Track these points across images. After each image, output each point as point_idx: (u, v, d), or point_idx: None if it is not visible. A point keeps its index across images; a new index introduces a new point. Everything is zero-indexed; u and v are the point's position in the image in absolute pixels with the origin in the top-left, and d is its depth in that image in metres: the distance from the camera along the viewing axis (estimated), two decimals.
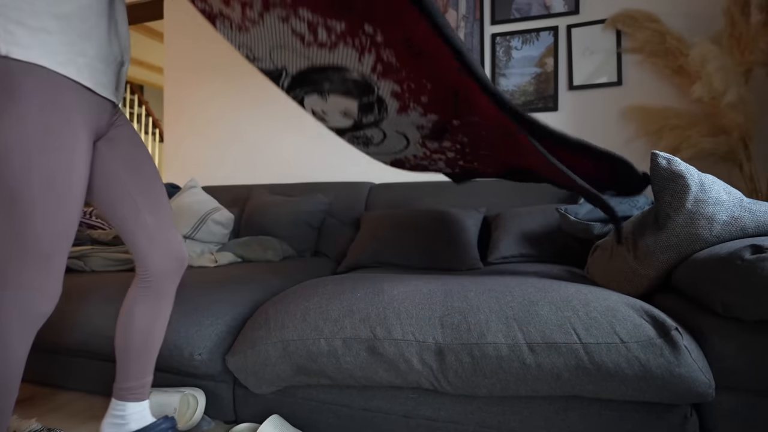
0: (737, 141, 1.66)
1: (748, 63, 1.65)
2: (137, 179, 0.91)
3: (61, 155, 0.73)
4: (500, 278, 1.06)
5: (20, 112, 0.70)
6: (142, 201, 0.91)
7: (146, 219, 0.91)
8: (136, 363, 0.96)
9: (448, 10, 2.23)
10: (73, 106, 0.75)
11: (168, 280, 0.95)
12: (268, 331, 1.02)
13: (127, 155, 0.91)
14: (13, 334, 0.74)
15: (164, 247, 0.93)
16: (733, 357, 0.79)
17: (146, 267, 0.93)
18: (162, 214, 0.94)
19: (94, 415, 1.21)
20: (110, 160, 0.89)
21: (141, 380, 0.97)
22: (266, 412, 1.09)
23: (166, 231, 0.94)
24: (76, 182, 0.76)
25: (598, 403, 0.86)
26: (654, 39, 1.87)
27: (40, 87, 0.71)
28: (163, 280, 0.95)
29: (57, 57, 0.72)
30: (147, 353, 0.97)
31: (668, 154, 0.98)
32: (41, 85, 0.71)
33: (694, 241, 0.92)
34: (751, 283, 0.75)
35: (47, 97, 0.71)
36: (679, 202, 0.92)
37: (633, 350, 0.79)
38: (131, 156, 0.91)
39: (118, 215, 0.90)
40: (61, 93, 0.73)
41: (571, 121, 2.06)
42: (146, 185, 0.92)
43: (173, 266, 0.95)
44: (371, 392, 1.00)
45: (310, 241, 2.02)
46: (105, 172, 0.89)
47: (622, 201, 1.48)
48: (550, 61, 2.08)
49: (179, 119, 2.85)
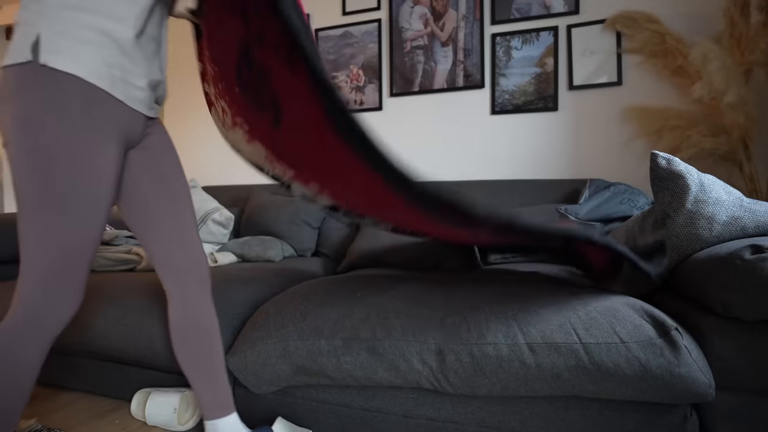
0: (737, 141, 1.66)
1: (748, 63, 1.65)
2: (161, 189, 0.90)
3: (90, 165, 0.73)
4: (500, 278, 1.06)
5: (52, 121, 0.70)
6: (164, 212, 0.90)
7: (167, 230, 0.90)
8: (206, 382, 0.94)
9: (448, 10, 2.24)
10: (105, 117, 0.75)
11: (191, 290, 0.93)
12: (268, 331, 1.02)
13: (154, 164, 0.90)
14: (31, 339, 0.74)
15: (186, 257, 0.91)
16: (732, 357, 0.79)
17: (170, 280, 0.91)
18: (184, 226, 0.92)
19: (95, 415, 1.21)
20: (137, 168, 0.88)
21: (219, 395, 0.95)
22: (266, 412, 1.09)
23: (189, 242, 0.92)
24: (103, 192, 0.76)
25: (598, 403, 0.86)
26: (654, 39, 1.87)
27: (74, 97, 0.71)
28: (188, 291, 0.92)
29: (94, 68, 0.73)
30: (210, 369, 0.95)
31: (668, 155, 0.98)
32: (75, 95, 0.71)
33: (694, 241, 0.92)
34: (751, 283, 0.75)
35: (80, 107, 0.72)
36: (679, 202, 0.92)
37: (633, 350, 0.79)
38: (159, 165, 0.90)
39: (140, 224, 0.90)
40: (95, 104, 0.73)
41: (571, 121, 2.06)
42: (170, 196, 0.91)
43: (194, 275, 0.93)
44: (371, 392, 1.00)
45: (310, 241, 2.02)
46: (131, 179, 0.88)
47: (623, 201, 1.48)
48: (550, 61, 2.08)
49: (179, 119, 2.85)
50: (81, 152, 0.72)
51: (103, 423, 1.17)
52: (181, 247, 0.91)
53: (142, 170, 0.89)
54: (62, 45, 0.70)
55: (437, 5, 2.26)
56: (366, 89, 2.41)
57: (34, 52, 0.69)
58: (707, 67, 1.56)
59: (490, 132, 2.21)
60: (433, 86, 2.30)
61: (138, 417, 1.15)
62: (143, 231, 0.90)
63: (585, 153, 2.04)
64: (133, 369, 1.26)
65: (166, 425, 1.10)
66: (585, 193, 1.59)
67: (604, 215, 1.45)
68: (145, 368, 1.24)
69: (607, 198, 1.52)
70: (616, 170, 1.99)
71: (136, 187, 0.89)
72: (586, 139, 2.04)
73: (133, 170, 0.88)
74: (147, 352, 1.14)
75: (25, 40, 0.71)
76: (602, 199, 1.52)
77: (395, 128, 2.36)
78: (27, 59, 0.70)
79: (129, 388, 1.26)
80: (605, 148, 2.01)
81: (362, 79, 2.39)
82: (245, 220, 2.10)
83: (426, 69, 2.31)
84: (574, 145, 2.05)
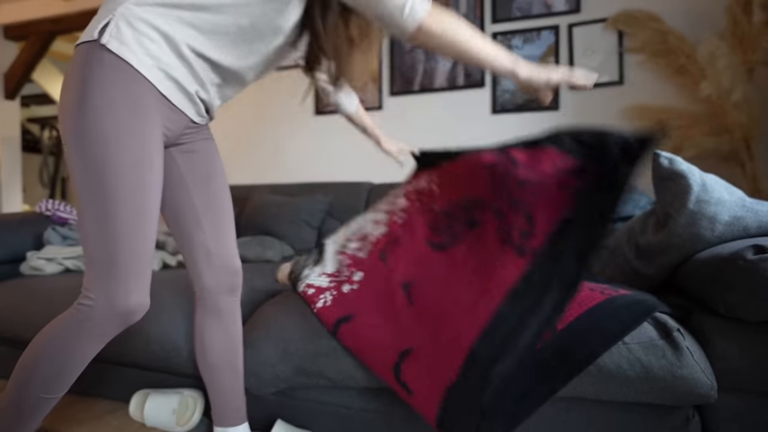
0: (739, 141, 1.65)
1: (751, 62, 1.64)
2: (203, 192, 0.89)
3: (138, 149, 0.71)
4: None
5: (101, 103, 0.69)
6: (204, 216, 0.89)
7: (206, 234, 0.89)
8: (223, 389, 0.95)
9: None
10: (151, 107, 0.73)
11: (223, 297, 0.93)
12: (267, 331, 1.01)
13: (196, 167, 0.89)
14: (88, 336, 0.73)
15: (219, 264, 0.91)
16: (735, 358, 0.79)
17: (202, 284, 0.91)
18: (223, 232, 0.91)
19: (94, 415, 1.21)
20: (179, 169, 0.87)
21: (234, 404, 0.96)
22: (266, 413, 1.08)
23: (224, 248, 0.91)
24: (149, 181, 0.73)
25: (600, 404, 0.85)
26: (656, 38, 1.86)
27: (124, 82, 0.70)
28: (218, 297, 0.92)
29: (148, 61, 0.72)
30: (231, 376, 0.95)
31: (670, 154, 0.97)
32: (125, 81, 0.70)
33: (696, 242, 0.91)
34: (753, 283, 0.74)
35: (129, 92, 0.70)
36: (681, 202, 0.91)
37: (635, 351, 0.78)
38: (202, 169, 0.89)
39: (180, 226, 0.89)
40: (142, 93, 0.72)
41: (572, 120, 2.05)
42: (212, 200, 0.90)
43: (225, 282, 0.92)
44: (371, 394, 0.99)
45: (310, 241, 2.02)
46: (173, 180, 0.87)
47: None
48: (552, 60, 2.07)
49: None
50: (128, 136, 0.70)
51: (101, 424, 1.17)
52: (218, 252, 0.90)
53: (187, 172, 0.88)
54: (126, 33, 0.70)
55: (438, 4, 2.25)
56: (366, 89, 2.40)
57: (101, 33, 0.70)
58: (715, 64, 1.55)
59: (490, 131, 2.20)
60: (433, 85, 2.29)
61: (137, 418, 1.15)
62: (181, 231, 0.89)
63: None
64: (131, 370, 1.26)
65: (165, 426, 1.10)
66: None
67: None
68: (144, 369, 1.23)
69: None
70: None
71: (179, 188, 0.88)
72: None
73: (178, 172, 0.87)
74: (145, 353, 1.13)
75: (97, 23, 0.72)
76: None
77: (395, 127, 2.35)
78: (93, 38, 0.70)
79: (128, 390, 1.25)
80: None
81: None
82: (245, 220, 2.09)
83: (426, 68, 2.30)
84: None
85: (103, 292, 0.71)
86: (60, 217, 1.78)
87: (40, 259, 1.54)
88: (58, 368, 0.74)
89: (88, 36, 0.72)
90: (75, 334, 0.73)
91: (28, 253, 1.57)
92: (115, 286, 0.71)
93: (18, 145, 3.67)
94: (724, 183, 0.94)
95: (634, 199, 1.47)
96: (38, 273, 1.53)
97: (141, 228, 0.72)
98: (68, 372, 0.75)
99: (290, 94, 2.56)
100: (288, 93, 2.57)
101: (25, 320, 1.27)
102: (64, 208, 1.81)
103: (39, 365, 0.74)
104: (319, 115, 2.54)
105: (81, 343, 0.73)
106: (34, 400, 0.75)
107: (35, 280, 1.42)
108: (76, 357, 0.74)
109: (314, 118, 2.55)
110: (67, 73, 0.73)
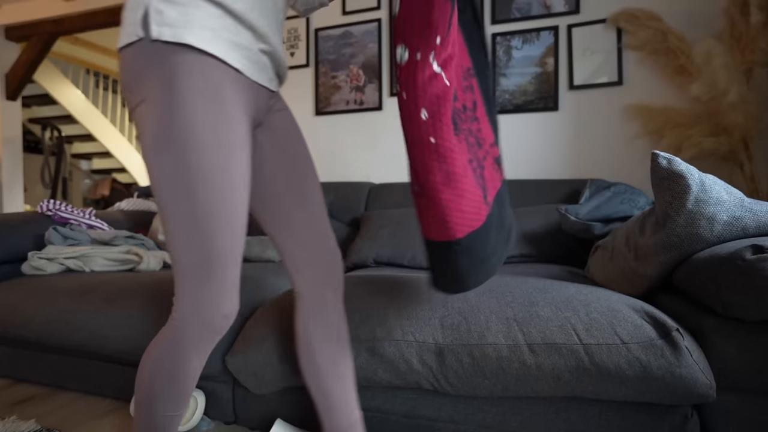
0: (738, 141, 1.65)
1: (749, 63, 1.64)
2: (290, 173, 0.80)
3: (220, 152, 0.65)
4: (500, 278, 1.05)
5: (175, 105, 0.62)
6: (295, 201, 0.81)
7: (300, 222, 0.81)
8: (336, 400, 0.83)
9: None
10: (227, 92, 0.66)
11: (325, 288, 0.83)
12: (268, 331, 1.02)
13: (282, 147, 0.80)
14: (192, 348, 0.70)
15: (315, 250, 0.82)
16: (734, 357, 0.79)
17: (302, 278, 0.83)
18: (317, 217, 0.83)
19: (94, 415, 1.21)
20: (264, 151, 0.79)
21: (349, 418, 0.83)
22: (266, 413, 1.09)
23: (318, 230, 0.82)
24: (237, 181, 0.67)
25: (599, 404, 0.86)
26: (655, 38, 1.86)
27: (192, 73, 0.63)
28: (320, 288, 0.82)
29: (204, 33, 0.63)
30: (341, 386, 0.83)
31: (669, 154, 0.98)
32: (193, 71, 0.63)
33: (694, 242, 0.91)
34: (751, 283, 0.75)
35: (200, 84, 0.63)
36: (680, 202, 0.91)
37: (634, 351, 0.79)
38: (286, 148, 0.81)
39: (268, 211, 0.81)
40: (213, 78, 0.64)
41: (571, 121, 2.06)
42: (299, 181, 0.81)
43: (326, 269, 0.83)
44: (371, 392, 0.99)
45: None
46: (259, 163, 0.79)
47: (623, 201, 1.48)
48: (551, 60, 2.07)
49: None
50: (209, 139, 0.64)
51: (102, 424, 1.17)
52: (318, 242, 0.82)
53: (271, 155, 0.79)
54: (169, 13, 0.62)
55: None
56: (366, 89, 2.40)
57: (145, 27, 0.62)
58: (711, 64, 1.55)
59: None
60: None
61: None
62: (274, 223, 0.81)
63: (585, 153, 2.03)
64: (132, 369, 1.26)
65: None
66: (585, 193, 1.58)
67: (605, 215, 1.44)
68: None
69: (607, 198, 1.52)
70: (617, 170, 1.99)
71: (264, 173, 0.79)
72: (587, 139, 2.03)
73: (262, 158, 0.79)
74: None
75: (134, 15, 0.64)
76: (603, 199, 1.52)
77: (395, 128, 2.36)
78: (138, 36, 0.63)
79: (128, 389, 1.26)
80: (606, 148, 2.01)
81: (362, 79, 2.39)
82: None
83: None
84: (575, 145, 2.05)
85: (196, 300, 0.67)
86: (61, 217, 1.79)
87: (42, 259, 1.55)
88: (172, 388, 0.72)
89: (131, 36, 0.64)
90: (175, 353, 0.70)
91: (30, 252, 1.57)
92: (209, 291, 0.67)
93: (19, 145, 3.68)
94: (723, 183, 0.94)
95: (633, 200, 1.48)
96: (39, 273, 1.53)
97: (235, 225, 0.68)
98: (183, 388, 0.73)
99: (290, 94, 2.56)
100: (288, 93, 2.57)
101: (26, 320, 1.28)
102: (65, 208, 1.82)
103: (154, 387, 0.72)
104: (319, 115, 2.54)
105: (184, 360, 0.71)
106: (162, 419, 0.73)
107: (36, 280, 1.43)
108: (188, 373, 0.72)
109: (314, 118, 2.55)
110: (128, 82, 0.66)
